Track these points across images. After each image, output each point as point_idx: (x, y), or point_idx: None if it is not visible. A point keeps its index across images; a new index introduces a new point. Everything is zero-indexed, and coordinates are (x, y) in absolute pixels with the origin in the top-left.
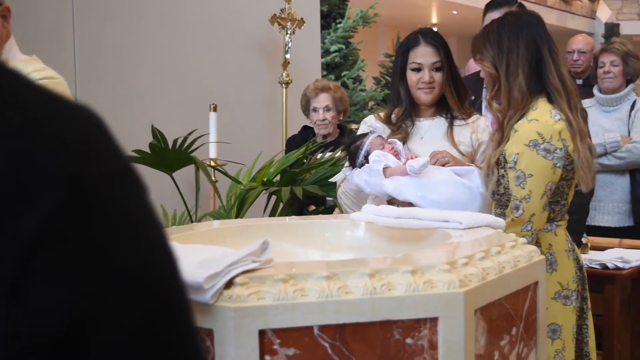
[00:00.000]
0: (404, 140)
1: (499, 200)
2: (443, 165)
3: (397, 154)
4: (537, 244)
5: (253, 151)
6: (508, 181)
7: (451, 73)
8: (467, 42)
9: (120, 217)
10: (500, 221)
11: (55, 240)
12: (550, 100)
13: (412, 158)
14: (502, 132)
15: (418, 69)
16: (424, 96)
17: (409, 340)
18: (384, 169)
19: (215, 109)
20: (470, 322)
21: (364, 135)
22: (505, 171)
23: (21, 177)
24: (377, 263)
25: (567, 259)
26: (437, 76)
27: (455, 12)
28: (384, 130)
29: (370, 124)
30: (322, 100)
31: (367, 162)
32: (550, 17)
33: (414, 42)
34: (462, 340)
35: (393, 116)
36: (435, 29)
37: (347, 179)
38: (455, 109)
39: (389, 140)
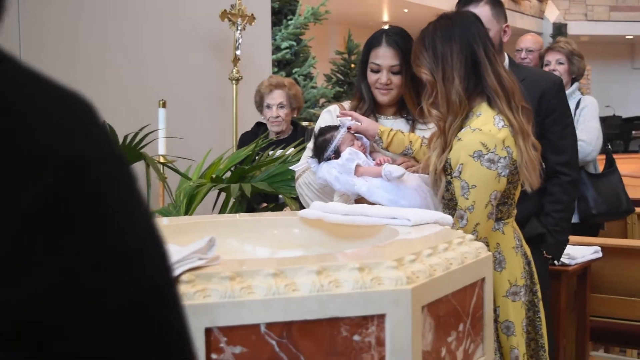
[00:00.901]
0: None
1: (447, 204)
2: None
3: (365, 151)
4: (485, 243)
5: (203, 148)
6: (454, 188)
7: (411, 76)
8: None
9: (114, 201)
10: (448, 218)
11: (48, 220)
12: (490, 103)
13: (385, 161)
14: (444, 139)
15: (377, 70)
16: (380, 96)
17: (356, 337)
18: (355, 167)
19: (164, 105)
20: (417, 319)
21: (334, 128)
22: (451, 178)
23: (15, 156)
24: (324, 260)
25: (515, 255)
26: (395, 79)
27: (406, 11)
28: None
29: (342, 121)
30: (276, 97)
31: (335, 156)
32: None
33: (376, 41)
34: (409, 336)
35: (357, 111)
36: (402, 28)
37: (313, 171)
38: (414, 112)
39: (356, 136)
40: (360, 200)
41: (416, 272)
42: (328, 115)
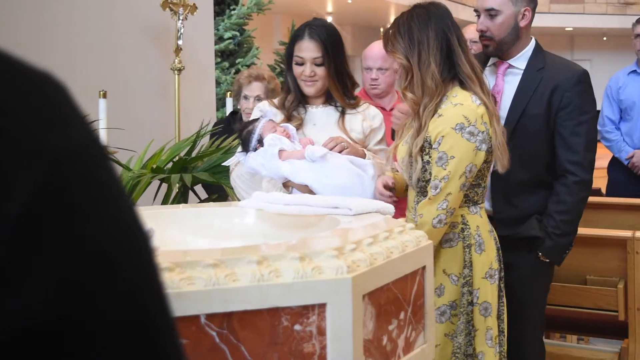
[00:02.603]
0: (299, 127)
1: (424, 187)
2: (341, 151)
3: (289, 137)
4: (466, 226)
5: (145, 138)
6: (431, 160)
7: (335, 67)
8: (362, 31)
9: (100, 191)
10: (390, 207)
11: (40, 222)
12: (464, 87)
13: (310, 143)
14: (419, 121)
15: (301, 63)
16: (306, 88)
17: (297, 327)
18: (279, 151)
19: (105, 96)
20: (358, 308)
21: (255, 120)
22: (430, 157)
23: (4, 156)
24: (265, 250)
25: (490, 239)
26: (319, 70)
27: (350, 1)
28: (276, 115)
29: (262, 109)
30: (254, 89)
31: (261, 145)
32: None
33: (300, 34)
34: (350, 325)
35: (286, 103)
36: (327, 20)
37: (242, 162)
38: (340, 101)
39: (281, 124)
40: (286, 184)
41: (357, 261)
42: (257, 112)
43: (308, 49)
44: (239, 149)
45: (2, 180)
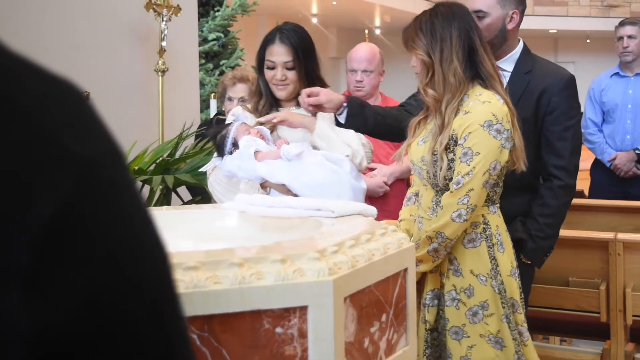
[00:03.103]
0: (272, 130)
1: (447, 185)
2: (271, 119)
3: (263, 139)
4: (487, 225)
5: (128, 140)
6: (455, 157)
7: (306, 71)
8: (347, 33)
9: (122, 199)
10: (372, 209)
11: (63, 229)
12: (485, 86)
13: (285, 144)
14: (442, 118)
15: (272, 67)
16: (278, 92)
17: (278, 330)
18: (255, 153)
19: (88, 97)
20: (339, 310)
21: (229, 124)
22: (454, 154)
23: (28, 161)
24: (246, 252)
25: (507, 238)
26: (290, 74)
27: (335, 3)
28: (249, 119)
29: (235, 114)
30: (238, 91)
31: (236, 149)
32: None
33: (271, 38)
34: (332, 328)
35: (258, 107)
36: (299, 24)
37: (219, 167)
38: None
39: (254, 127)
40: (264, 185)
41: (338, 263)
42: (232, 118)
43: (279, 53)
44: (215, 154)
45: (28, 186)
